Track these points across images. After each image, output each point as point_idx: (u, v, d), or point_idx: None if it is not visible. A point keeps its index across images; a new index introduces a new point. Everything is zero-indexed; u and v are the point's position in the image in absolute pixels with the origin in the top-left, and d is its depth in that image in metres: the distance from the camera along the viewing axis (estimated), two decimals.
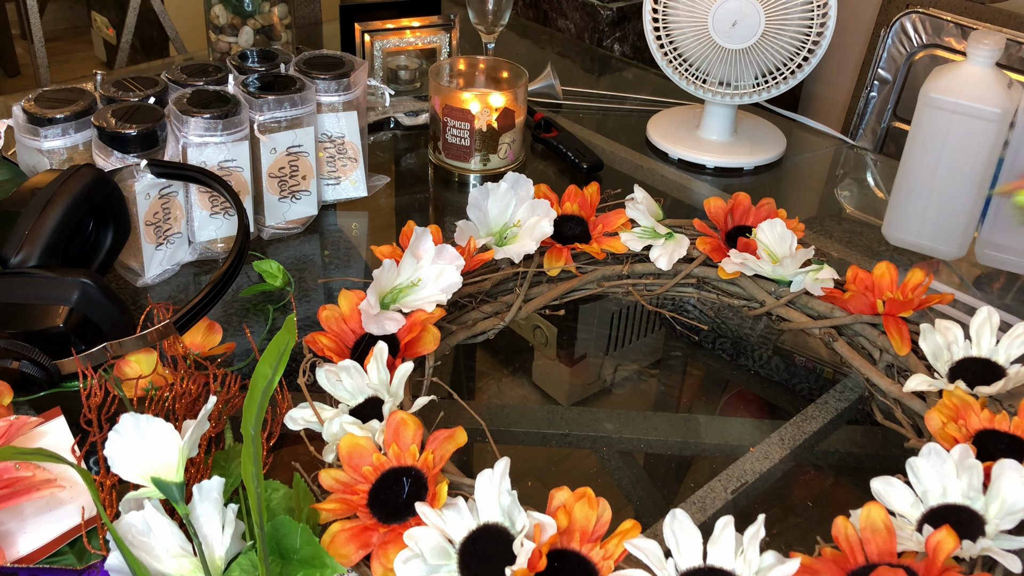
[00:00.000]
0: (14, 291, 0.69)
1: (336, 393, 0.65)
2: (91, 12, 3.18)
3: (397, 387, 0.64)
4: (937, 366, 0.71)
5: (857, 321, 0.77)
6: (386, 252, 0.77)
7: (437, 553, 0.52)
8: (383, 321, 0.69)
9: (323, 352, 0.69)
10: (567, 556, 0.54)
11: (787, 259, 0.79)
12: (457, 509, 0.54)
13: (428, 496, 0.55)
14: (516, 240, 0.83)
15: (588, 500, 0.55)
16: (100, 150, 0.81)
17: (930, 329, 0.72)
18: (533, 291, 0.82)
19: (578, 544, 0.54)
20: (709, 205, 0.86)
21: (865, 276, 0.78)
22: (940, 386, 0.68)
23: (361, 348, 0.69)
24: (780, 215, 0.85)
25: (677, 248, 0.83)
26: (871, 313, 0.76)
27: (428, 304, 0.71)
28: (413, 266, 0.74)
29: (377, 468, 0.57)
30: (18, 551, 0.56)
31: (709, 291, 0.84)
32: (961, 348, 0.71)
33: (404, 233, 0.78)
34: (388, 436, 0.59)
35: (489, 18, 1.20)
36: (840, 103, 2.13)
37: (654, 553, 0.53)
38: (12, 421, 0.61)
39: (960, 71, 0.88)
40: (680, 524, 0.53)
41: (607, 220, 0.85)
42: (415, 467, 0.57)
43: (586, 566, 0.53)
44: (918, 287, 0.76)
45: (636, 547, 0.53)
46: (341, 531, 0.55)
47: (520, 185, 0.85)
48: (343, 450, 0.58)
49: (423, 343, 0.69)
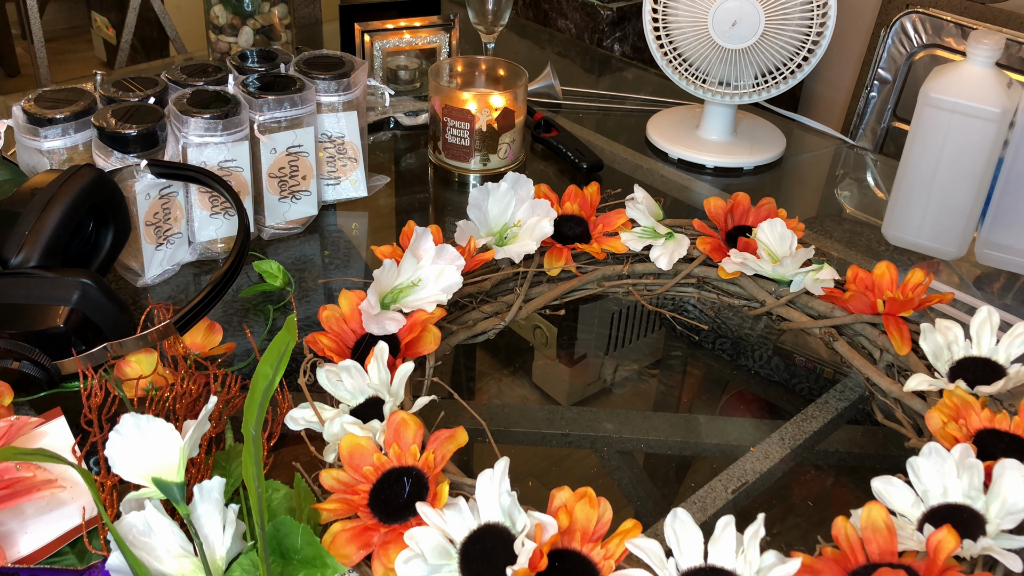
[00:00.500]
0: (14, 291, 0.69)
1: (337, 393, 0.65)
2: (91, 12, 3.18)
3: (398, 387, 0.64)
4: (937, 366, 0.71)
5: (857, 321, 0.77)
6: (386, 252, 0.77)
7: (438, 553, 0.52)
8: (384, 321, 0.69)
9: (324, 352, 0.68)
10: (568, 556, 0.54)
11: (787, 259, 0.79)
12: (458, 509, 0.54)
13: (429, 496, 0.55)
14: (516, 240, 0.83)
15: (589, 500, 0.55)
16: (100, 150, 0.81)
17: (930, 329, 0.72)
18: (533, 291, 0.82)
19: (579, 544, 0.54)
20: (709, 205, 0.86)
21: (865, 276, 0.78)
22: (940, 385, 0.68)
23: (362, 348, 0.69)
24: (780, 215, 0.85)
25: (677, 248, 0.83)
26: (871, 313, 0.76)
27: (428, 304, 0.71)
28: (413, 266, 0.74)
29: (378, 468, 0.57)
30: (19, 551, 0.56)
31: (709, 291, 0.84)
32: (961, 348, 0.71)
33: (404, 233, 0.78)
34: (389, 436, 0.59)
35: (489, 18, 1.20)
36: (840, 103, 2.13)
37: (655, 553, 0.53)
38: (13, 421, 0.61)
39: (960, 71, 0.88)
40: (681, 523, 0.53)
41: (607, 220, 0.85)
42: (416, 467, 0.57)
43: (587, 566, 0.53)
44: (918, 287, 0.76)
45: (637, 547, 0.53)
46: (342, 531, 0.55)
47: (520, 185, 0.84)
48: (344, 450, 0.58)
49: (424, 343, 0.69)
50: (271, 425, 0.63)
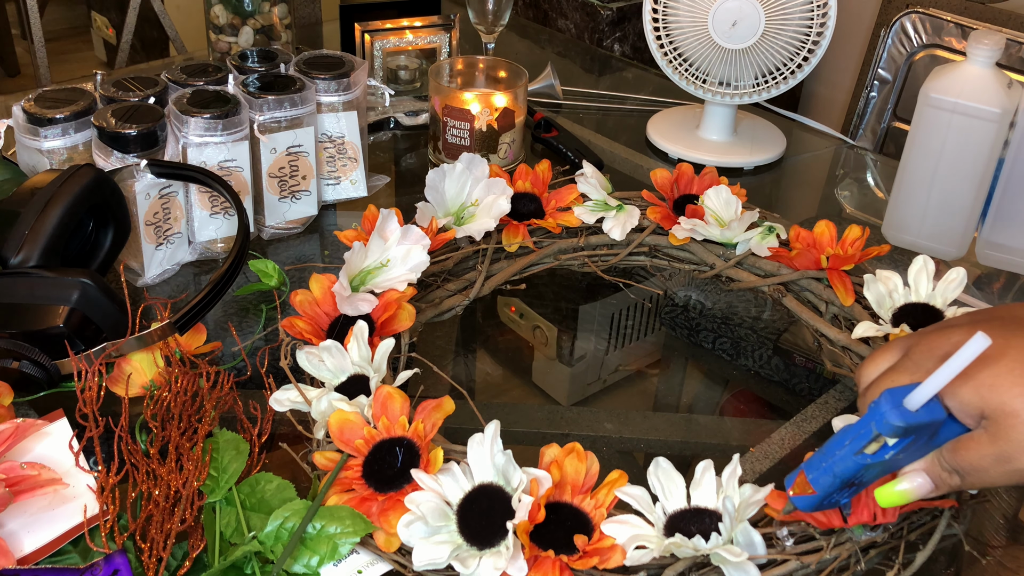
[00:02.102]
0: (14, 291, 0.69)
1: (319, 374, 0.67)
2: (91, 12, 3.18)
3: (380, 362, 0.66)
4: (881, 313, 0.76)
5: (803, 277, 0.82)
6: (351, 236, 0.79)
7: (437, 515, 0.54)
8: (357, 302, 0.71)
9: (300, 335, 0.70)
10: (561, 508, 0.57)
11: (734, 222, 0.84)
12: (452, 473, 0.57)
13: (422, 463, 0.57)
14: (474, 219, 0.85)
15: (577, 454, 0.58)
16: (100, 150, 0.81)
17: (872, 279, 0.77)
18: (494, 267, 0.85)
19: (570, 496, 0.57)
20: (655, 176, 0.91)
21: (807, 234, 0.83)
22: (886, 331, 0.73)
23: (337, 329, 0.71)
24: (722, 182, 0.89)
25: (629, 219, 0.87)
26: (816, 269, 0.81)
27: (399, 284, 0.73)
28: (381, 247, 0.76)
29: (369, 441, 0.59)
30: (22, 549, 0.56)
31: (661, 258, 0.89)
32: (901, 295, 0.76)
33: (366, 217, 0.80)
34: (376, 410, 0.60)
35: (489, 18, 1.20)
36: (840, 103, 2.13)
37: (643, 499, 0.57)
38: (18, 424, 0.61)
39: (960, 71, 0.88)
40: (663, 471, 0.57)
41: (559, 196, 0.89)
42: (406, 437, 0.59)
43: (580, 516, 0.56)
44: (856, 241, 0.81)
45: (626, 494, 0.57)
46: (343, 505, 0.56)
47: (475, 165, 0.87)
48: (333, 426, 0.59)
49: (399, 320, 0.71)
50: (260, 422, 0.64)
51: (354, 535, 0.55)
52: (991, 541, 0.63)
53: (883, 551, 0.56)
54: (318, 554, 0.54)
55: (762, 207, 0.90)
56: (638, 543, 0.54)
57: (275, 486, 0.59)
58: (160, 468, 0.59)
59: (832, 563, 0.54)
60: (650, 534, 0.55)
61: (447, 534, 0.54)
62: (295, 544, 0.54)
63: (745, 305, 0.89)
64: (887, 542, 0.56)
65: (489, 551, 0.53)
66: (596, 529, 0.55)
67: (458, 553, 0.53)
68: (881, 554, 0.56)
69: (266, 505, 0.58)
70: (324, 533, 0.55)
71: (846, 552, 0.54)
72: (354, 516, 0.55)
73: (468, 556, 0.53)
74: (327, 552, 0.54)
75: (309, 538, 0.55)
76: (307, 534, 0.55)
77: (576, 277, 0.92)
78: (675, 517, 0.56)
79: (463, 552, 0.53)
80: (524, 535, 0.53)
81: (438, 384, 0.72)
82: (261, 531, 0.55)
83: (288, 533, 0.55)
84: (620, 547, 0.54)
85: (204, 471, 0.59)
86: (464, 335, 0.87)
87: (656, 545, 0.53)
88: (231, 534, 0.56)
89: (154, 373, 0.69)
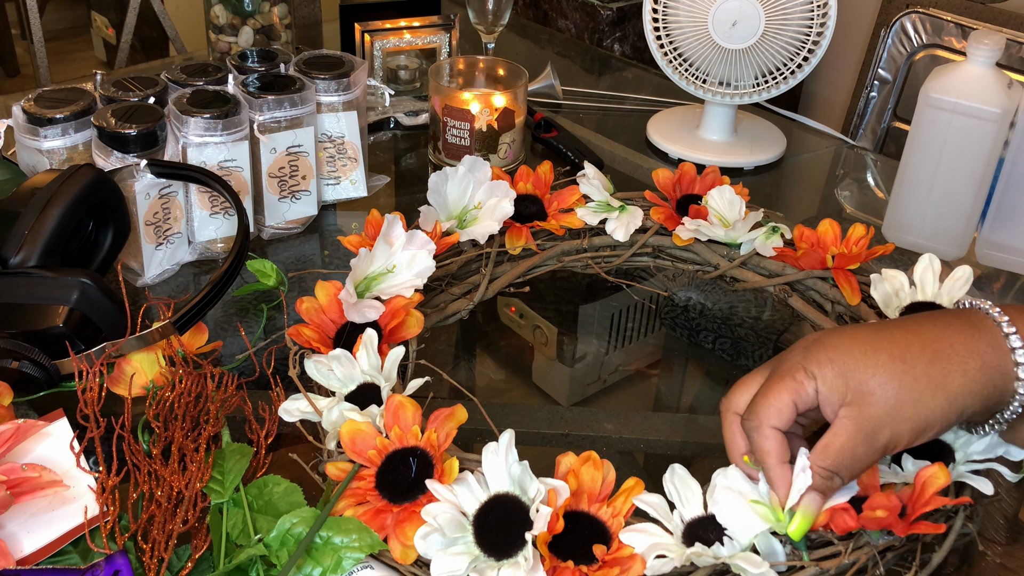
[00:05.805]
0: (14, 291, 0.69)
1: (328, 383, 0.66)
2: (91, 12, 3.17)
3: (390, 371, 0.65)
4: (888, 312, 0.75)
5: (809, 276, 0.81)
6: (355, 242, 0.78)
7: (454, 526, 0.54)
8: (363, 309, 0.70)
9: (308, 343, 0.69)
10: (578, 517, 0.56)
11: (738, 223, 0.84)
12: (467, 483, 0.56)
13: (436, 473, 0.56)
14: (477, 222, 0.84)
15: (593, 462, 0.57)
16: (100, 150, 0.81)
17: (879, 279, 0.76)
18: (497, 270, 0.85)
19: (587, 505, 0.56)
20: (658, 176, 0.90)
21: (811, 234, 0.83)
22: None
23: (344, 337, 0.70)
24: (724, 181, 0.89)
25: (632, 219, 0.87)
26: (821, 268, 0.80)
27: (405, 290, 0.72)
28: (387, 253, 0.75)
29: (381, 451, 0.58)
30: (22, 550, 0.56)
31: (664, 259, 0.88)
32: (907, 294, 0.75)
33: (369, 222, 0.80)
34: (388, 419, 0.59)
35: (489, 18, 1.20)
36: (840, 103, 2.13)
37: (661, 507, 0.56)
38: (19, 425, 0.61)
39: (960, 71, 0.88)
40: (679, 478, 0.57)
41: (561, 197, 0.88)
42: (420, 447, 0.58)
43: (597, 525, 0.55)
44: (861, 239, 0.80)
45: (644, 502, 0.56)
46: (355, 517, 0.56)
47: (477, 168, 0.86)
48: (345, 436, 0.58)
49: (407, 327, 0.71)
50: (268, 424, 0.63)
51: (360, 551, 0.54)
52: (992, 541, 0.63)
53: (900, 553, 0.56)
54: (321, 565, 0.53)
55: (763, 207, 0.90)
56: (658, 552, 0.53)
57: (283, 489, 0.58)
58: (162, 469, 0.59)
59: (851, 568, 0.54)
60: (669, 543, 0.54)
61: (464, 545, 0.53)
62: (300, 554, 0.54)
63: (745, 305, 0.89)
64: (904, 544, 0.55)
65: (507, 562, 0.52)
66: (614, 538, 0.55)
67: (476, 564, 0.52)
68: (897, 556, 0.56)
69: (273, 508, 0.57)
70: (330, 544, 0.54)
71: (864, 556, 0.54)
72: (362, 530, 0.54)
73: (487, 567, 0.52)
74: (330, 565, 0.53)
75: (315, 547, 0.54)
76: (313, 543, 0.54)
77: (576, 278, 0.92)
78: (693, 524, 0.55)
79: (481, 563, 0.52)
80: (543, 546, 0.52)
81: (440, 386, 0.71)
82: (268, 534, 0.55)
83: (294, 539, 0.54)
84: (640, 556, 0.53)
85: (207, 473, 0.59)
86: (465, 336, 0.87)
87: (677, 554, 0.53)
88: (237, 535, 0.56)
89: (155, 373, 0.69)
